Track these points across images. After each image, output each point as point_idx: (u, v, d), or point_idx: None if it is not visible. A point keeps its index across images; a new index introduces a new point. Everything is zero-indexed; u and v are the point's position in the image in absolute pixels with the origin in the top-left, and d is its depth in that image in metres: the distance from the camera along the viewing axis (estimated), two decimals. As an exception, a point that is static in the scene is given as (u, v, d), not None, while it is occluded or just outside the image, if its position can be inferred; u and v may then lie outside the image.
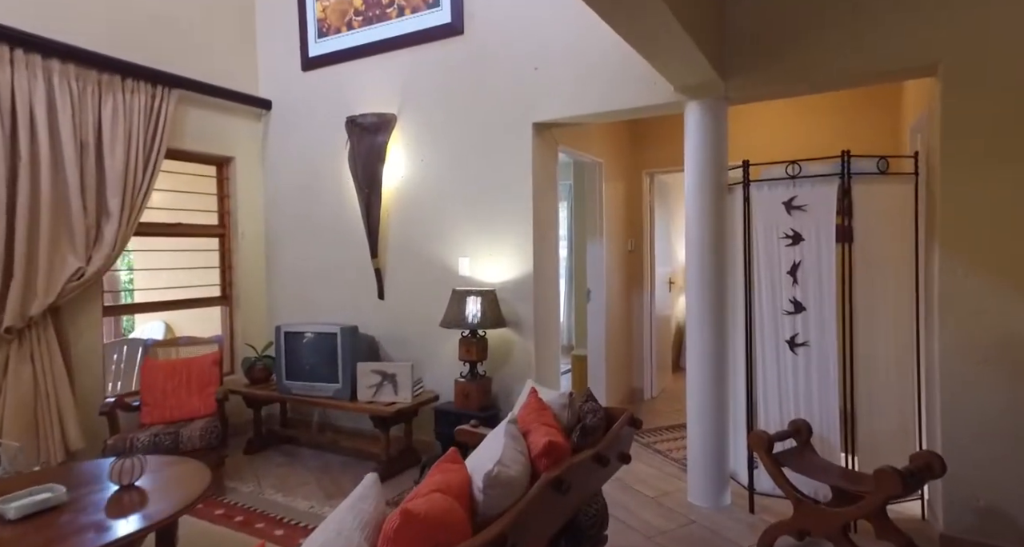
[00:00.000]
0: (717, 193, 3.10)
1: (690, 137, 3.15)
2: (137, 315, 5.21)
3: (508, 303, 3.76)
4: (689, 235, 3.18)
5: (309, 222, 4.47)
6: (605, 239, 4.85)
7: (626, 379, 5.38)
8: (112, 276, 5.66)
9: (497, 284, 3.79)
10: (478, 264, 3.86)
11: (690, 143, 3.15)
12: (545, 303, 3.84)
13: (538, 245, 3.74)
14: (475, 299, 3.53)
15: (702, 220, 3.11)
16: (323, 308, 4.42)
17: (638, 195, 5.51)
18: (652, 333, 5.56)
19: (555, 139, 4.01)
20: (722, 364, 3.08)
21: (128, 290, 5.31)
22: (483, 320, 3.49)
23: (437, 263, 3.99)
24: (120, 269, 5.73)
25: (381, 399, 3.61)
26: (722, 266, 3.09)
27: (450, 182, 3.93)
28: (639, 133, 5.50)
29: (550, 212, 3.94)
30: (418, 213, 4.05)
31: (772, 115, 4.73)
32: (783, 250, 2.97)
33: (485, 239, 3.83)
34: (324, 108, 4.35)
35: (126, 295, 5.34)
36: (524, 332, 3.72)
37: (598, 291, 4.83)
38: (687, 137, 3.17)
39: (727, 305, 3.11)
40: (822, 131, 4.49)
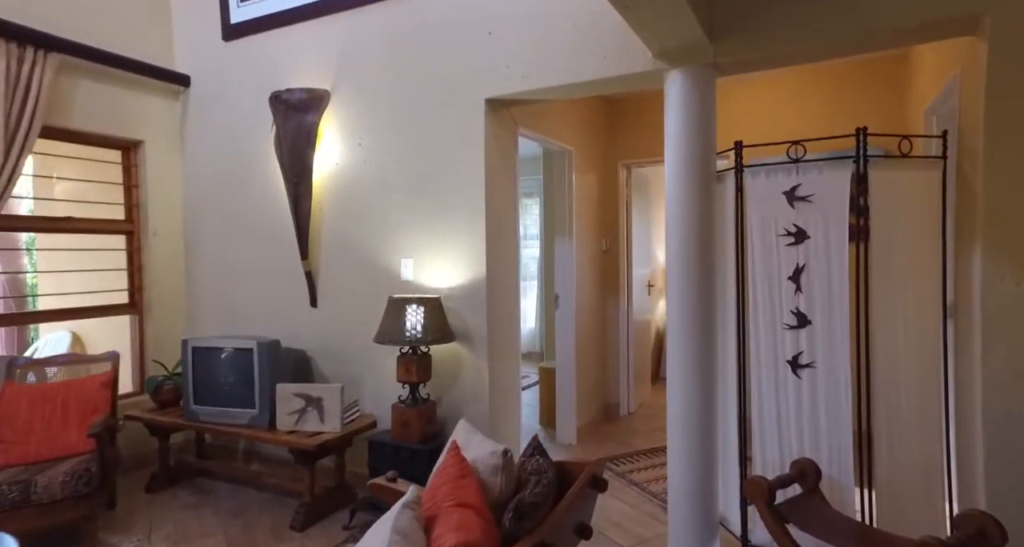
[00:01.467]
0: (704, 181, 2.56)
1: (671, 114, 2.61)
2: (42, 325, 4.54)
3: (457, 313, 3.19)
4: (670, 232, 2.64)
5: (236, 217, 3.86)
6: (575, 238, 4.30)
7: (600, 394, 4.84)
8: (16, 280, 4.98)
9: (445, 290, 3.22)
10: (424, 267, 3.28)
11: (672, 121, 2.60)
12: (501, 312, 3.28)
13: (493, 244, 3.18)
14: (416, 309, 2.96)
15: (685, 213, 2.57)
16: (252, 317, 3.81)
17: (613, 189, 4.97)
18: (629, 341, 5.03)
19: (514, 121, 3.45)
20: (709, 389, 2.55)
21: (33, 296, 4.64)
22: (425, 334, 2.92)
23: (377, 265, 3.40)
24: (29, 271, 5.05)
25: (305, 428, 3.02)
26: (709, 270, 2.56)
27: (391, 170, 3.35)
28: (614, 118, 4.97)
29: (508, 206, 3.38)
30: (355, 206, 3.46)
31: (759, 99, 4.22)
32: (783, 250, 2.44)
33: (431, 237, 3.26)
34: (251, 84, 3.73)
35: (32, 301, 4.67)
36: (476, 347, 3.15)
37: (567, 296, 4.28)
38: (668, 114, 2.63)
39: (715, 318, 2.57)
40: (816, 119, 3.98)
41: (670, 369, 2.64)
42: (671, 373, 2.62)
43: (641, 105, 4.82)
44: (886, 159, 2.29)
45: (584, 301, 4.50)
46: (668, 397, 2.64)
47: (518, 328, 3.48)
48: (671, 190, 2.62)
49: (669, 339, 2.66)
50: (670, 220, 2.63)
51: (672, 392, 2.62)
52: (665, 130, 2.64)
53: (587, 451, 4.10)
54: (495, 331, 3.20)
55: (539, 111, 3.84)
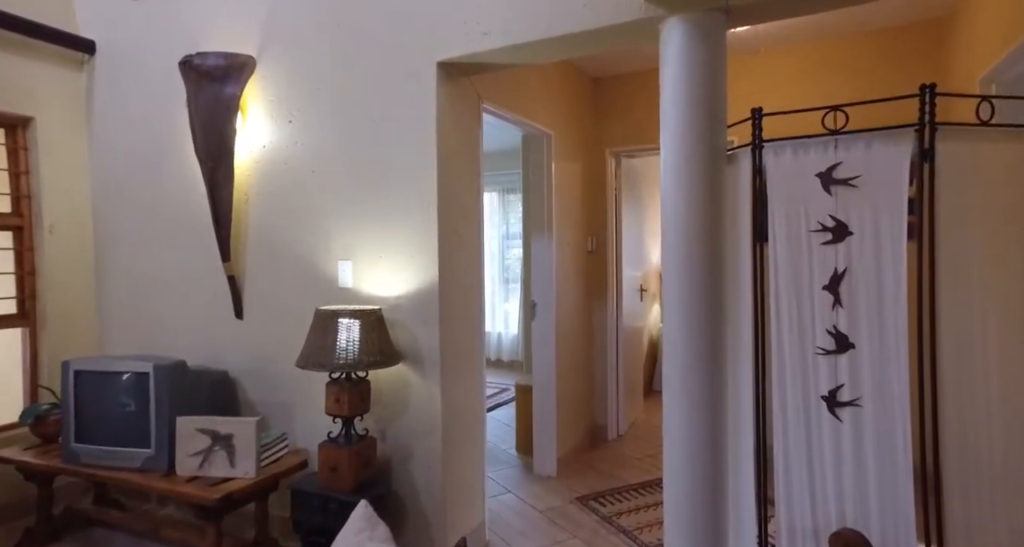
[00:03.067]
0: (710, 162, 1.97)
1: (669, 76, 2.02)
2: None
3: (405, 327, 2.59)
4: (667, 228, 2.06)
5: (154, 211, 3.23)
6: (555, 236, 3.71)
7: (585, 414, 4.24)
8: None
9: (391, 300, 2.62)
10: (365, 271, 2.68)
11: (669, 85, 2.02)
12: (460, 326, 2.68)
13: (449, 242, 2.58)
14: (349, 324, 2.35)
15: (686, 203, 1.98)
16: (174, 332, 3.18)
17: (600, 181, 4.38)
18: (619, 353, 4.44)
19: (478, 93, 2.85)
20: (716, 435, 1.96)
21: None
22: (361, 356, 2.31)
23: (312, 270, 2.80)
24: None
25: (211, 472, 2.41)
26: (717, 278, 1.97)
27: (328, 153, 2.74)
28: (601, 101, 4.38)
29: (470, 196, 2.78)
30: (286, 197, 2.85)
31: (773, 73, 3.64)
32: (817, 251, 1.85)
33: (374, 235, 2.66)
34: (167, 51, 3.10)
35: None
36: (427, 369, 2.55)
37: (546, 303, 3.69)
38: (664, 77, 2.05)
39: (724, 341, 1.98)
40: (841, 95, 3.40)
41: (667, 412, 2.04)
42: (668, 416, 2.03)
43: (631, 85, 4.24)
44: (961, 128, 1.70)
45: (566, 308, 3.91)
46: (665, 448, 2.03)
47: (482, 344, 2.88)
48: (668, 174, 2.04)
49: (665, 371, 2.07)
50: (667, 213, 2.04)
51: (670, 443, 2.02)
52: (661, 97, 2.06)
53: (568, 485, 3.51)
54: (451, 349, 2.60)
55: (512, 87, 3.24)
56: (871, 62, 3.39)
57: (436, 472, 2.53)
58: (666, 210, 2.04)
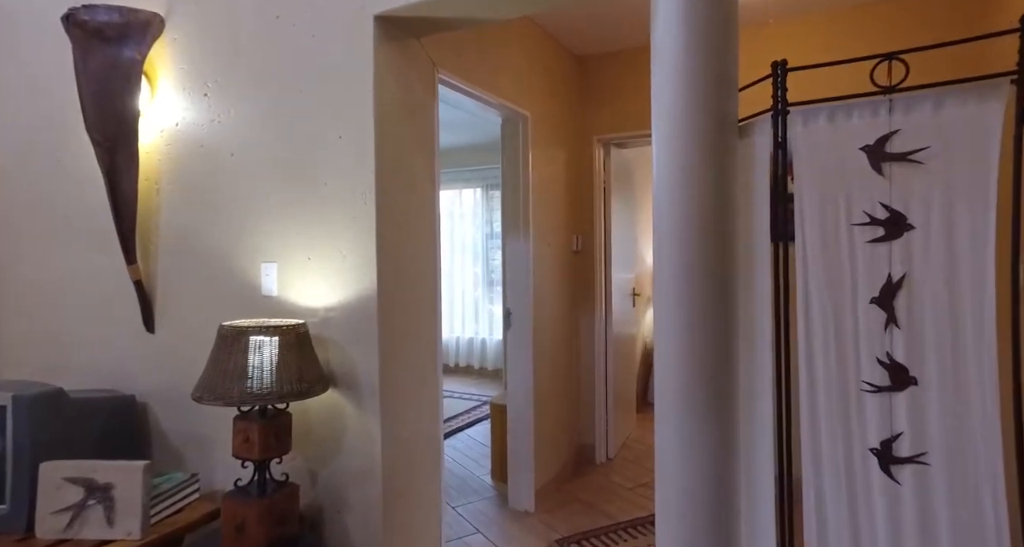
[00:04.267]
0: (716, 135, 1.49)
1: (661, 22, 1.54)
2: None
3: (337, 347, 2.10)
4: (660, 221, 1.58)
5: (51, 205, 2.72)
6: (533, 233, 3.22)
7: (569, 434, 3.76)
8: None
9: (320, 311, 2.13)
10: (293, 276, 2.19)
11: (662, 33, 1.54)
12: (406, 345, 2.19)
13: (389, 240, 2.09)
14: (262, 343, 1.85)
15: (684, 190, 1.51)
16: (74, 349, 2.67)
17: (586, 172, 3.90)
18: (608, 363, 3.96)
19: (431, 59, 2.36)
20: (723, 499, 1.47)
21: None
22: (279, 383, 1.82)
23: (234, 273, 2.30)
24: None
25: (83, 535, 1.90)
26: (725, 286, 1.49)
27: (250, 133, 2.25)
28: (587, 82, 3.89)
29: (422, 185, 2.29)
30: (203, 187, 2.35)
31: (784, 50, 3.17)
32: (864, 251, 1.37)
33: (303, 232, 2.16)
34: (58, 4, 2.60)
35: None
36: (364, 399, 2.06)
37: (522, 311, 3.20)
38: (655, 22, 1.56)
39: (734, 372, 1.50)
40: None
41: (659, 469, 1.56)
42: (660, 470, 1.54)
43: (621, 65, 3.76)
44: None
45: (547, 315, 3.42)
46: (657, 508, 1.55)
47: (437, 366, 2.39)
48: (661, 152, 1.56)
49: (658, 413, 1.59)
50: (660, 203, 1.56)
51: (664, 505, 1.53)
52: (652, 52, 1.58)
53: (547, 523, 3.02)
54: (394, 372, 2.11)
55: (479, 58, 2.75)
56: (906, 28, 2.91)
57: (374, 527, 2.04)
58: (659, 200, 1.55)
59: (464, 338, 6.86)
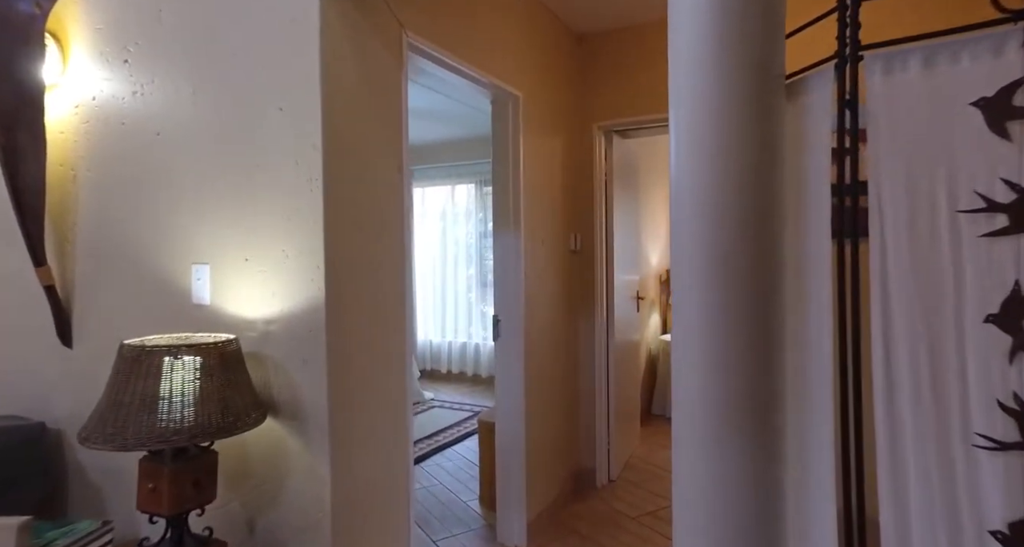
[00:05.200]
0: (755, 97, 1.10)
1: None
2: None
3: (280, 368, 1.71)
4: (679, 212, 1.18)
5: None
6: (524, 230, 2.83)
7: (566, 456, 3.36)
8: None
9: (259, 323, 1.74)
10: (228, 280, 1.79)
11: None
12: (364, 365, 1.80)
13: (342, 237, 1.70)
14: (177, 366, 1.46)
15: (714, 172, 1.12)
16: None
17: (586, 163, 3.51)
18: (610, 374, 3.57)
19: (398, 21, 1.96)
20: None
21: None
22: (197, 418, 1.43)
23: (162, 276, 1.91)
24: None
25: (-48, 605, 1.51)
26: (768, 299, 1.10)
27: (178, 106, 1.86)
28: (587, 64, 3.50)
29: (381, 171, 1.90)
30: (126, 172, 1.96)
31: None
32: (974, 249, 0.98)
33: (239, 224, 1.77)
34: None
35: None
36: (311, 432, 1.67)
37: (511, 317, 2.80)
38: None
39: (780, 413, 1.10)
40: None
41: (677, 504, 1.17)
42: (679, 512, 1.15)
43: (626, 43, 3.37)
44: None
45: (541, 322, 3.03)
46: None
47: (405, 390, 1.99)
48: (682, 121, 1.16)
49: (677, 444, 1.20)
50: (680, 188, 1.16)
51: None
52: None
53: (541, 564, 2.63)
54: (348, 399, 1.72)
55: (459, 27, 2.36)
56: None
57: (321, 594, 1.65)
58: (678, 184, 1.16)
59: (457, 343, 6.46)
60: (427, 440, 4.37)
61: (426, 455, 4.05)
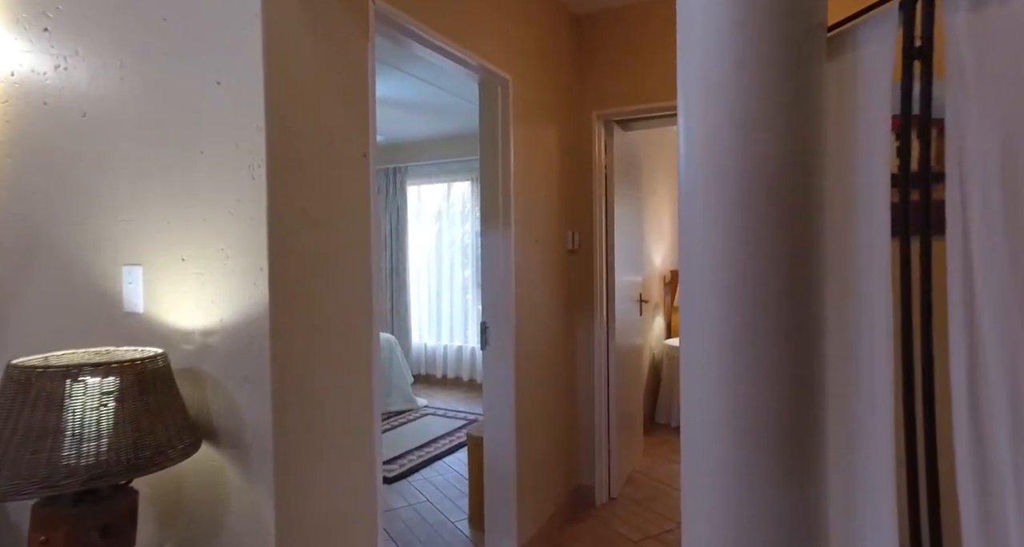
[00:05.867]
0: (786, 52, 0.83)
1: None
2: None
3: (219, 386, 1.45)
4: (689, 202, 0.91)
5: None
6: (515, 228, 2.57)
7: (562, 473, 3.10)
8: None
9: (197, 335, 1.48)
10: (162, 284, 1.54)
11: None
12: (319, 381, 1.54)
13: (291, 233, 1.45)
14: (82, 389, 1.20)
15: (732, 149, 0.85)
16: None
17: (584, 156, 3.25)
18: (610, 382, 3.31)
19: (362, -20, 1.70)
20: None
21: None
22: (107, 452, 1.17)
23: (90, 279, 1.66)
24: None
25: None
26: (809, 314, 0.83)
27: (105, 83, 1.61)
28: (588, 43, 3.24)
29: (342, 157, 1.64)
30: (49, 163, 1.71)
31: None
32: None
33: (174, 219, 1.52)
34: None
35: None
36: (252, 462, 1.41)
37: (501, 324, 2.54)
38: None
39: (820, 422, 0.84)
40: None
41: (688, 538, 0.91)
42: None
43: (627, 24, 3.10)
44: None
45: (535, 328, 2.77)
46: None
47: (373, 412, 1.73)
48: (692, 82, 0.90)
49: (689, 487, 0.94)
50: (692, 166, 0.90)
51: None
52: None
53: (533, 598, 2.36)
54: (297, 421, 1.46)
55: (445, 2, 2.10)
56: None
57: None
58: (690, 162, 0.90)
59: (452, 347, 6.21)
60: (416, 452, 4.11)
61: (414, 468, 3.79)
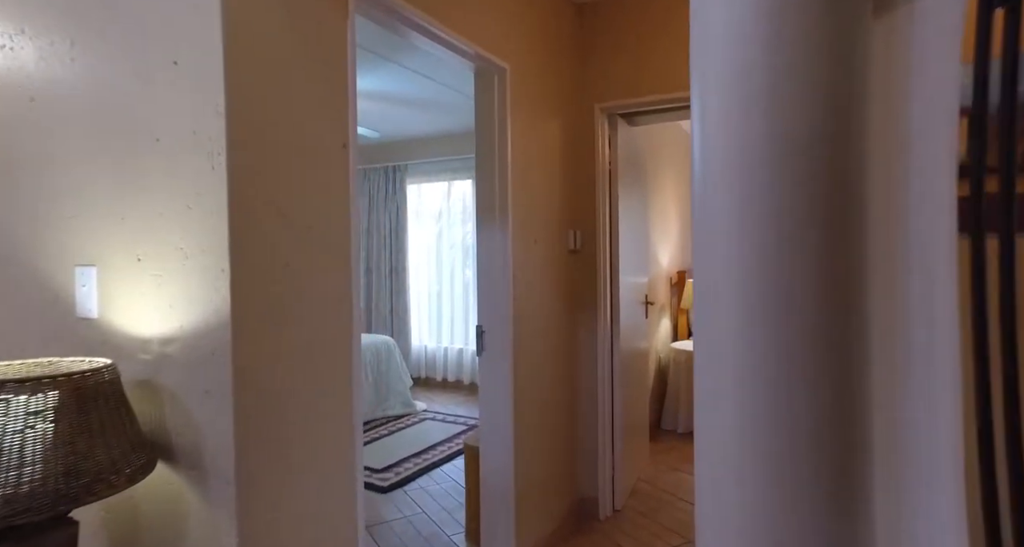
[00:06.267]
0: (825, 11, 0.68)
1: None
2: None
3: (177, 401, 1.31)
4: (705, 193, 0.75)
5: None
6: (512, 226, 2.41)
7: (564, 483, 2.94)
8: None
9: (155, 343, 1.34)
10: (118, 286, 1.39)
11: None
12: (290, 396, 1.39)
13: (257, 229, 1.30)
14: (11, 407, 1.06)
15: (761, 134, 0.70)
16: None
17: (587, 151, 3.09)
18: (614, 388, 3.15)
19: (340, -48, 1.55)
20: None
21: None
22: (29, 483, 1.03)
23: (44, 281, 1.52)
24: None
25: None
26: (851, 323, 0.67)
27: (53, 65, 1.46)
28: (590, 32, 3.09)
29: (316, 146, 1.49)
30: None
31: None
32: None
33: (131, 217, 1.37)
34: None
35: None
36: (211, 486, 1.26)
37: (499, 329, 2.39)
38: None
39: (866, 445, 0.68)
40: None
41: None
42: None
43: (632, 12, 2.95)
44: None
45: (535, 333, 2.61)
46: None
47: (354, 422, 1.57)
48: (713, 24, 0.74)
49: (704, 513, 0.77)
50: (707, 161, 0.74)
51: None
52: None
53: (531, 622, 2.21)
54: (267, 441, 1.31)
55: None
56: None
57: None
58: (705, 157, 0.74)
59: (453, 349, 6.06)
60: (414, 459, 3.96)
61: (410, 477, 3.64)
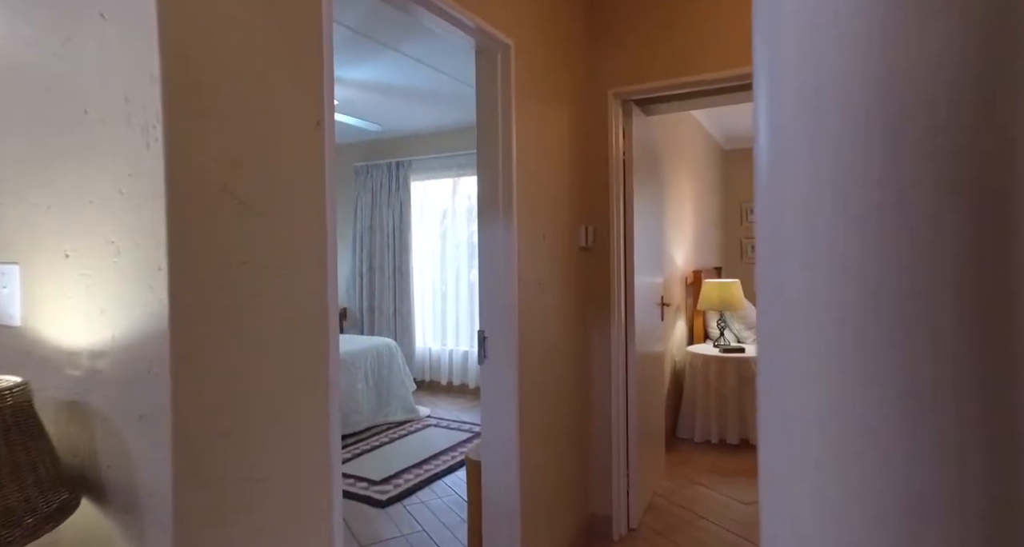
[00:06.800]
0: None
1: None
2: None
3: (109, 426, 1.08)
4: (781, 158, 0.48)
5: None
6: (517, 220, 2.18)
7: (575, 501, 2.71)
8: None
9: (84, 356, 1.11)
10: (45, 287, 1.17)
11: None
12: (241, 412, 1.15)
13: (205, 218, 1.06)
14: None
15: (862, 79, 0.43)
16: None
17: (599, 140, 2.85)
18: (628, 396, 2.91)
19: None
20: None
21: None
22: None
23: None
24: None
25: None
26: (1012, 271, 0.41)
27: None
28: (600, 18, 2.85)
29: (286, 125, 1.25)
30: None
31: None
32: None
33: (58, 206, 1.15)
34: None
35: None
36: (148, 526, 1.04)
37: (502, 334, 2.15)
38: None
39: None
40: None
41: None
42: None
43: (648, -15, 2.71)
44: None
45: (541, 339, 2.38)
46: None
47: (331, 451, 1.34)
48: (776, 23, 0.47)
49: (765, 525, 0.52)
50: (782, 130, 0.48)
51: None
52: None
53: None
54: (208, 472, 1.08)
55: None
56: None
57: None
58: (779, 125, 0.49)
59: (458, 352, 5.83)
60: (415, 469, 3.74)
61: (410, 490, 3.42)
